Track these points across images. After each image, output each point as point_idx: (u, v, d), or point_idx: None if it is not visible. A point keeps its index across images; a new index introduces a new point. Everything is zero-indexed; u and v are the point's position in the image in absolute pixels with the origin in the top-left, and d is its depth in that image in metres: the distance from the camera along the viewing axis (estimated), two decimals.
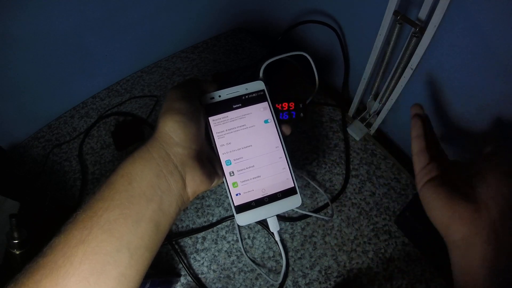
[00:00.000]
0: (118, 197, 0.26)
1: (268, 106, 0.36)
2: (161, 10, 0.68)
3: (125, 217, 0.26)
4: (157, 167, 0.28)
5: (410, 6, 0.46)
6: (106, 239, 0.25)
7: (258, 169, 0.35)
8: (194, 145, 0.29)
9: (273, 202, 0.34)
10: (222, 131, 0.34)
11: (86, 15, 0.59)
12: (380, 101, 0.59)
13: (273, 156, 0.35)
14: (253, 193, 0.34)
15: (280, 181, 0.35)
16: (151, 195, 0.27)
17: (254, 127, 0.35)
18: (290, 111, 0.38)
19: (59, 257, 0.24)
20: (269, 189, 0.35)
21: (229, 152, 0.34)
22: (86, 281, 0.24)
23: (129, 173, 0.27)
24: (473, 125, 0.49)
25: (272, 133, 0.36)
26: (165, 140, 0.28)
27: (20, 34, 0.54)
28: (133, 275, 0.26)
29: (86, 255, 0.24)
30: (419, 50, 0.44)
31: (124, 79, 0.75)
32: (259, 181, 0.35)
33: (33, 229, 0.43)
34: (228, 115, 0.35)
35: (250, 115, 0.35)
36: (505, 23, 0.37)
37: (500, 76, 0.41)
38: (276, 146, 0.35)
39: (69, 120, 0.70)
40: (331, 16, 0.65)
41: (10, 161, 0.63)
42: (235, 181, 0.34)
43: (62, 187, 0.61)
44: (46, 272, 0.24)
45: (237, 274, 0.53)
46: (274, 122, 0.36)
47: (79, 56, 0.64)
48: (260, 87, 0.36)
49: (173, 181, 0.28)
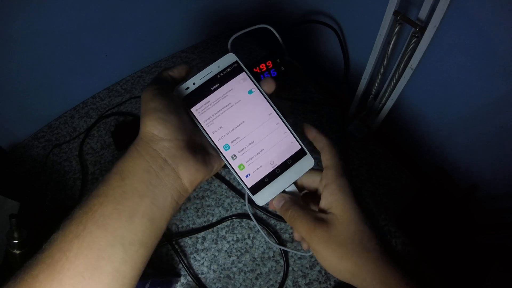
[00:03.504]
0: (112, 192, 0.27)
1: (247, 76, 0.34)
2: (161, 10, 0.68)
3: (118, 212, 0.26)
4: (146, 164, 0.28)
5: (410, 6, 0.46)
6: (100, 234, 0.26)
7: (259, 143, 0.33)
8: (180, 136, 0.29)
9: (285, 171, 0.33)
10: (208, 117, 0.33)
11: (86, 15, 0.59)
12: (380, 101, 0.59)
13: (270, 124, 0.33)
14: (262, 168, 0.33)
15: (285, 147, 0.33)
16: (143, 190, 0.27)
17: (240, 102, 0.33)
18: (269, 70, 0.37)
19: (56, 252, 0.25)
20: (277, 159, 0.33)
21: (224, 136, 0.33)
22: (81, 275, 0.25)
23: (122, 171, 0.28)
24: (473, 125, 0.49)
25: (261, 102, 0.33)
26: (149, 138, 0.29)
27: (20, 34, 0.54)
28: (128, 271, 0.27)
29: (81, 250, 0.25)
30: (419, 50, 0.44)
31: (124, 79, 0.75)
32: (264, 154, 0.33)
33: (33, 229, 0.43)
34: (209, 100, 0.33)
35: (232, 91, 0.33)
36: (505, 23, 0.37)
37: (500, 76, 0.41)
38: (269, 113, 0.33)
39: (69, 120, 0.70)
40: (331, 16, 0.65)
41: (10, 161, 0.63)
42: (240, 163, 0.33)
43: (62, 187, 0.61)
44: (43, 267, 0.25)
45: (237, 274, 0.53)
46: (259, 89, 0.33)
47: (79, 56, 0.64)
48: (232, 59, 0.34)
49: (164, 175, 0.28)
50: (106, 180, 0.28)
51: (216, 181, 0.61)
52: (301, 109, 0.69)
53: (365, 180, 0.61)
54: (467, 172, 0.55)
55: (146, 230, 0.27)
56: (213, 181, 0.61)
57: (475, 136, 0.50)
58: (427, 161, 0.62)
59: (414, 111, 0.58)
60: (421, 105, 0.56)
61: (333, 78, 0.75)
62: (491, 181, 0.52)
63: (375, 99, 0.61)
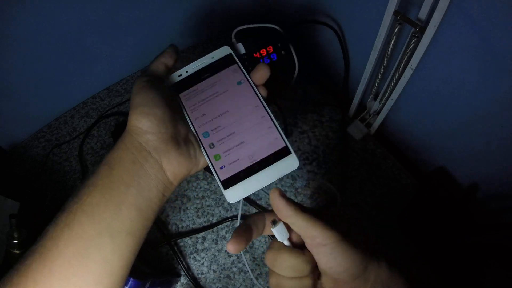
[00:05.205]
0: (101, 183, 0.28)
1: (238, 68, 0.33)
2: (161, 10, 0.68)
3: (106, 201, 0.27)
4: (132, 155, 0.29)
5: (410, 6, 0.46)
6: (89, 223, 0.26)
7: (239, 135, 0.31)
8: (164, 129, 0.30)
9: (265, 169, 0.30)
10: (194, 104, 0.33)
11: (86, 15, 0.59)
12: (380, 101, 0.59)
13: (255, 116, 0.32)
14: (239, 162, 0.30)
15: (268, 143, 0.31)
16: (129, 180, 0.28)
17: (227, 92, 0.33)
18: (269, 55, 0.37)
19: (47, 241, 0.26)
20: (257, 155, 0.30)
21: (205, 124, 0.32)
22: (70, 263, 0.25)
23: (110, 162, 0.29)
24: (473, 125, 0.49)
25: (248, 93, 0.32)
26: (134, 131, 0.29)
27: (20, 34, 0.54)
28: (116, 260, 0.27)
29: (71, 239, 0.26)
30: (419, 50, 0.44)
31: (124, 79, 0.75)
32: (244, 147, 0.31)
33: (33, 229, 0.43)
34: (198, 87, 0.33)
35: (221, 81, 0.33)
36: (505, 23, 0.37)
37: (500, 76, 0.41)
38: (256, 106, 0.32)
39: (69, 120, 0.70)
40: (331, 16, 0.65)
41: (10, 161, 0.63)
42: (216, 153, 0.31)
43: (62, 187, 0.61)
44: (35, 256, 0.25)
45: (237, 274, 0.53)
46: (249, 81, 0.33)
47: (79, 56, 0.64)
48: (227, 51, 0.34)
49: (148, 167, 0.29)
50: (96, 170, 0.29)
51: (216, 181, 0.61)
52: (301, 109, 0.69)
53: (365, 180, 0.61)
54: (467, 172, 0.55)
55: (133, 220, 0.28)
56: (213, 181, 0.61)
57: (475, 136, 0.50)
58: (427, 161, 0.62)
59: (414, 111, 0.58)
60: (421, 105, 0.56)
61: (333, 78, 0.75)
62: (491, 181, 0.52)
63: (375, 99, 0.61)
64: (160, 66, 0.33)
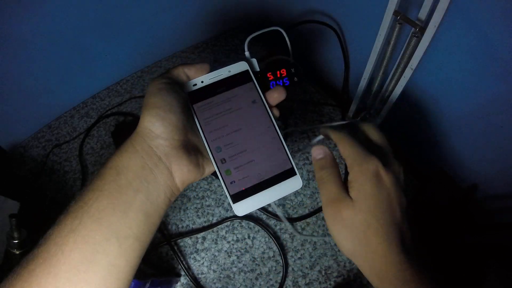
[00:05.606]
0: (107, 187, 0.27)
1: (254, 86, 0.34)
2: (161, 10, 0.68)
3: (113, 206, 0.27)
4: (142, 160, 0.28)
5: (410, 6, 0.46)
6: (95, 228, 0.26)
7: (251, 153, 0.33)
8: (176, 136, 0.29)
9: (271, 187, 0.32)
10: (208, 117, 0.33)
11: (86, 15, 0.59)
12: (380, 101, 0.59)
13: (266, 137, 0.33)
14: (248, 179, 0.32)
15: (276, 163, 0.33)
16: (137, 186, 0.28)
17: (241, 109, 0.34)
18: (282, 78, 0.37)
19: (52, 246, 0.25)
20: (265, 173, 0.33)
21: (218, 139, 0.33)
22: (76, 269, 0.25)
23: (117, 166, 0.28)
24: (473, 125, 0.49)
25: (261, 113, 0.34)
26: (146, 134, 0.29)
27: (20, 34, 0.54)
28: (123, 265, 0.27)
29: (77, 244, 0.25)
30: (419, 50, 0.44)
31: (124, 79, 0.75)
32: (254, 165, 0.33)
33: (33, 229, 0.43)
34: (213, 100, 0.33)
35: (236, 97, 0.34)
36: (505, 23, 0.37)
37: (500, 76, 0.41)
38: (268, 126, 0.33)
39: (69, 120, 0.70)
40: (331, 16, 0.65)
41: (10, 161, 0.63)
42: (228, 169, 0.32)
43: (62, 187, 0.61)
44: (39, 261, 0.25)
45: (237, 274, 0.53)
46: (263, 101, 0.34)
47: (79, 56, 0.64)
48: (244, 67, 0.35)
49: (158, 172, 0.29)
50: (101, 174, 0.28)
51: (216, 181, 0.61)
52: (301, 109, 0.69)
53: None
54: (467, 172, 0.55)
55: (140, 225, 0.28)
56: (213, 181, 0.61)
57: (475, 136, 0.50)
58: (427, 161, 0.62)
59: (414, 111, 0.58)
60: (421, 105, 0.56)
61: (333, 78, 0.75)
62: (491, 181, 0.52)
63: (375, 99, 0.61)
64: (182, 73, 0.33)
